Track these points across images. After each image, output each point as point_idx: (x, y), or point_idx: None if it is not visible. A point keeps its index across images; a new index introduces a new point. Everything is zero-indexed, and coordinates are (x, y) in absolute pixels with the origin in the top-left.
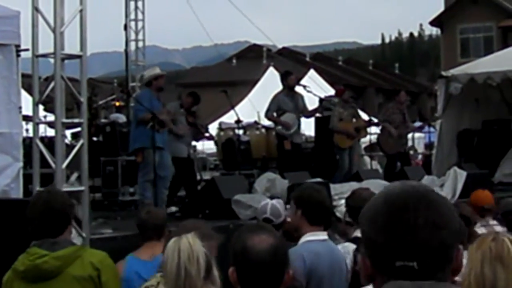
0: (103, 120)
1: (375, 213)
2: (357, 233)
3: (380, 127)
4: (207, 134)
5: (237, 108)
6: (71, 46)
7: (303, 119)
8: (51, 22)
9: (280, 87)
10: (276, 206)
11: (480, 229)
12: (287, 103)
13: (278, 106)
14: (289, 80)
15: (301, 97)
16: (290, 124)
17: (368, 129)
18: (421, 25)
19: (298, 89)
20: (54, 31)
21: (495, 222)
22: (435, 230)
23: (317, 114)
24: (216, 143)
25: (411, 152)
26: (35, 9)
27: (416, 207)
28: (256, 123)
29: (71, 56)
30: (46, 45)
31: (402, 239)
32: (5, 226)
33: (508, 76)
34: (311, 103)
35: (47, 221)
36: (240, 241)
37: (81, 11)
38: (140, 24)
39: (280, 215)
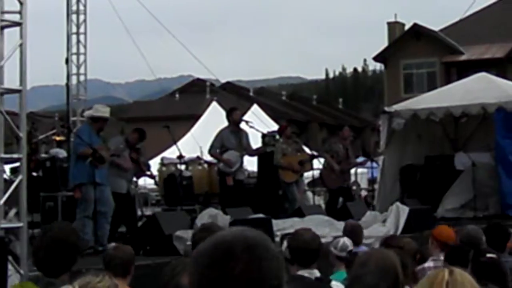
0: (43, 155)
1: (200, 255)
2: (302, 272)
3: (323, 162)
4: (148, 173)
5: (179, 143)
6: (11, 80)
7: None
8: None
9: (222, 122)
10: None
11: (428, 263)
12: (231, 140)
13: (222, 143)
14: (234, 115)
15: (246, 134)
16: (233, 162)
17: (312, 163)
18: (365, 60)
19: (242, 125)
20: None
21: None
22: (250, 283)
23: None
24: (156, 183)
25: (354, 187)
26: None
27: (238, 257)
28: (198, 158)
29: (10, 91)
30: None
31: (215, 285)
32: None
33: (451, 111)
34: (254, 139)
35: (50, 256)
36: (171, 279)
37: (21, 45)
38: (82, 57)
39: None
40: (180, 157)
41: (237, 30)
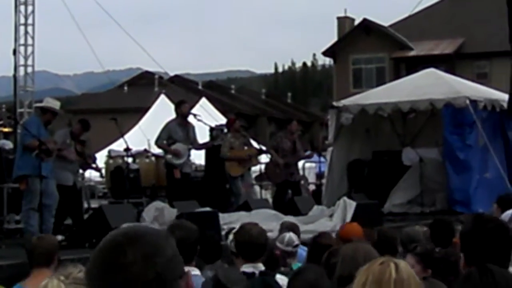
0: None
1: (93, 256)
2: (245, 268)
3: (269, 157)
4: (94, 165)
5: (127, 135)
6: None
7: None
8: None
9: (171, 115)
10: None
11: None
12: (178, 132)
13: (169, 134)
14: (183, 108)
15: (193, 128)
16: (181, 153)
17: (259, 158)
18: (314, 55)
19: (190, 119)
20: None
21: None
22: (147, 261)
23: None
24: (102, 175)
25: (302, 182)
26: None
27: (122, 245)
28: (146, 151)
29: None
30: None
31: (114, 279)
32: None
33: (399, 107)
34: (202, 132)
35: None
36: None
37: None
38: (29, 49)
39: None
40: (127, 149)
41: (186, 22)
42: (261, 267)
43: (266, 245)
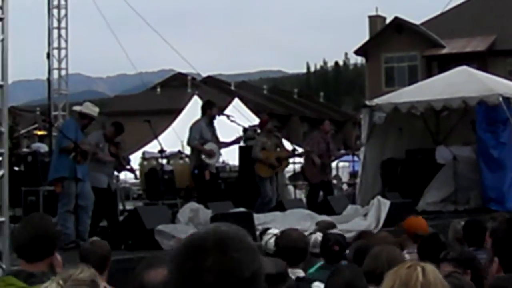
0: (24, 150)
1: (176, 252)
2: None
3: (304, 157)
4: (128, 167)
5: (161, 137)
6: None
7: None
8: None
9: None
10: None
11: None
12: (207, 132)
13: (200, 134)
14: (213, 111)
15: (215, 129)
16: (215, 153)
17: (291, 159)
18: (346, 54)
19: (223, 119)
20: None
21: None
22: (221, 275)
23: (241, 144)
24: (136, 177)
25: (335, 181)
26: None
27: (209, 250)
28: (180, 152)
29: None
30: None
31: (188, 279)
32: None
33: (432, 105)
34: (235, 133)
35: (31, 242)
36: (137, 276)
37: (2, 40)
38: (63, 52)
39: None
40: (162, 151)
41: (218, 23)
42: (300, 272)
43: (306, 249)
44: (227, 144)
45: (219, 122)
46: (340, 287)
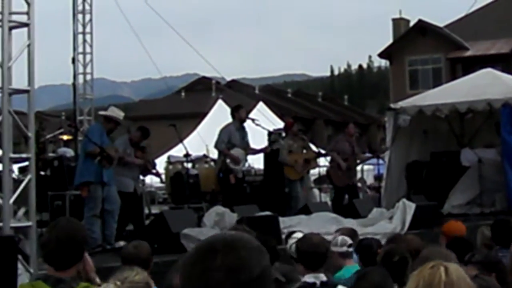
0: (50, 154)
1: (186, 257)
2: (307, 278)
3: (329, 160)
4: (154, 171)
5: (185, 141)
6: (18, 80)
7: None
8: None
9: (228, 119)
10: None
11: None
12: (236, 136)
13: (228, 138)
14: (241, 113)
15: (247, 133)
16: (240, 159)
17: (318, 161)
18: (370, 57)
19: (246, 123)
20: (1, 66)
21: None
22: (230, 273)
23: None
24: (162, 181)
25: (360, 184)
26: None
27: (217, 250)
28: (205, 156)
29: (18, 91)
30: None
31: (198, 279)
32: None
33: (456, 107)
34: (260, 136)
35: (59, 249)
36: (166, 280)
37: (28, 45)
38: (88, 57)
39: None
40: (187, 155)
41: (242, 27)
42: (322, 277)
43: (327, 254)
44: (255, 152)
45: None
46: None
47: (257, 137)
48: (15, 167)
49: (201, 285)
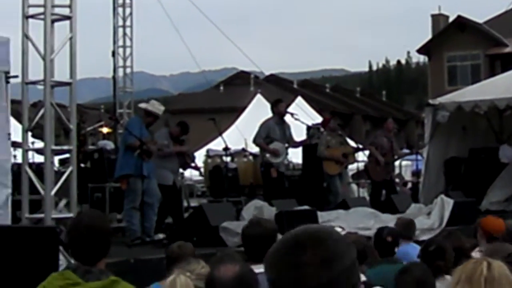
0: (91, 147)
1: (272, 254)
2: None
3: (368, 155)
4: (193, 164)
5: (224, 135)
6: (59, 73)
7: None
8: (41, 49)
9: (267, 114)
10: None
11: (475, 253)
12: (276, 131)
13: (267, 133)
14: (280, 107)
15: (289, 127)
16: (279, 152)
17: (356, 156)
18: (408, 52)
19: (286, 117)
20: (44, 58)
21: None
22: (324, 265)
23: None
24: (201, 174)
25: (397, 180)
26: (25, 36)
27: (305, 245)
28: (243, 150)
29: (60, 83)
30: (33, 71)
31: (290, 275)
32: None
33: (495, 104)
34: (299, 131)
35: (85, 245)
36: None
37: (71, 38)
38: (128, 50)
39: None
40: (226, 149)
41: (281, 22)
42: (361, 277)
43: (365, 252)
44: (296, 144)
45: None
46: (411, 285)
47: (296, 132)
48: (56, 159)
49: (293, 281)
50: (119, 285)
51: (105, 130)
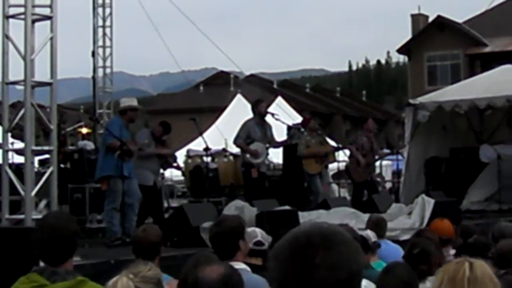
0: (70, 147)
1: (280, 249)
2: None
3: (348, 155)
4: (175, 164)
5: (204, 135)
6: (39, 73)
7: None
8: (22, 49)
9: (247, 114)
10: (264, 233)
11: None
12: (256, 131)
13: (247, 134)
14: (260, 107)
15: (270, 127)
16: (259, 153)
17: (336, 155)
18: (388, 52)
19: (266, 118)
20: (24, 58)
21: (453, 251)
22: (331, 271)
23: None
24: (183, 174)
25: (378, 179)
26: (6, 36)
27: (317, 246)
28: (224, 150)
29: (41, 84)
30: (12, 71)
31: (298, 275)
32: None
33: (476, 104)
34: (279, 131)
35: (51, 246)
36: (190, 273)
37: (51, 38)
38: (108, 50)
39: (267, 241)
40: (207, 149)
41: (259, 22)
42: None
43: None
44: (277, 145)
45: None
46: (397, 286)
47: (277, 132)
48: (36, 160)
49: (301, 281)
50: (86, 285)
51: (84, 130)
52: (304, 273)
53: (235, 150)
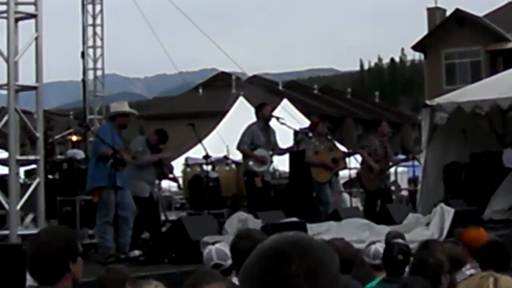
0: (59, 157)
1: (250, 268)
2: None
3: (360, 161)
4: (171, 175)
5: (204, 141)
6: (24, 76)
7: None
8: (4, 51)
9: (250, 118)
10: (221, 250)
11: (469, 271)
12: (260, 137)
13: (251, 139)
14: (265, 111)
15: (274, 132)
16: (266, 159)
17: (348, 161)
18: (402, 49)
19: (271, 122)
20: (7, 60)
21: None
22: (311, 276)
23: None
24: (179, 187)
25: (393, 188)
26: None
27: (289, 255)
28: (225, 158)
29: (26, 88)
30: None
31: (276, 286)
32: None
33: (498, 104)
34: (285, 136)
35: (41, 264)
36: None
37: (36, 38)
38: (98, 51)
39: (228, 257)
40: (207, 157)
41: (264, 19)
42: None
43: (353, 260)
44: (282, 152)
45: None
46: None
47: (283, 137)
48: (21, 170)
49: None
50: None
51: (74, 138)
52: (281, 283)
53: (238, 157)
